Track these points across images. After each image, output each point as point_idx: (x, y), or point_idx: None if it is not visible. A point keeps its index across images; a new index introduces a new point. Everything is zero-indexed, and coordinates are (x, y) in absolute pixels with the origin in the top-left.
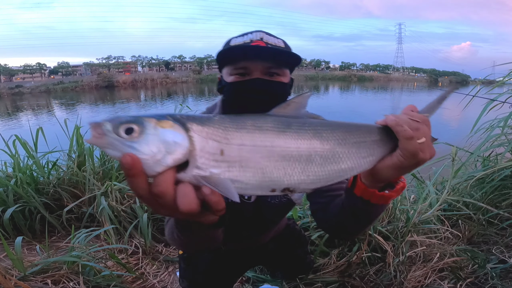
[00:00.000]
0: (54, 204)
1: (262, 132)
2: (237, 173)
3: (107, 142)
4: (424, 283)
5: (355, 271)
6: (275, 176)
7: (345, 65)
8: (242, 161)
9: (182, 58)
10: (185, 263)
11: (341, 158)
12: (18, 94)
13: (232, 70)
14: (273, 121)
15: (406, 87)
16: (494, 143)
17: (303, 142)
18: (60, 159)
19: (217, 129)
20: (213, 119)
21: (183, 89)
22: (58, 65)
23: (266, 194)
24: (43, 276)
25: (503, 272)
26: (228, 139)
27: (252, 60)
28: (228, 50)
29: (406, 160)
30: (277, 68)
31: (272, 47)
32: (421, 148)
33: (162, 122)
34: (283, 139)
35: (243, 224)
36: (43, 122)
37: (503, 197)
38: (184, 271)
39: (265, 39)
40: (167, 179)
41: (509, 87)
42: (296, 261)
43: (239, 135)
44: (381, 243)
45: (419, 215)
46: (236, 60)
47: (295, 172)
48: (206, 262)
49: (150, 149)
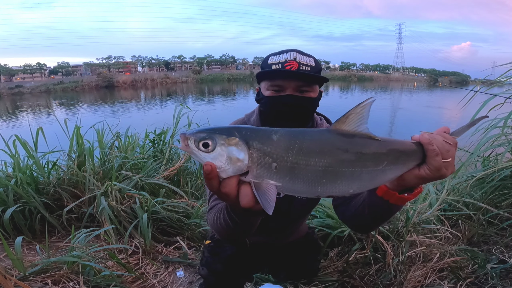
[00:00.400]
0: (54, 204)
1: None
2: (287, 183)
3: (191, 151)
4: (424, 283)
5: (355, 271)
6: (322, 190)
7: (345, 65)
8: (293, 175)
9: (182, 58)
10: (210, 252)
11: (387, 173)
12: (18, 94)
13: (269, 86)
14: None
15: (406, 87)
16: (494, 143)
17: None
18: (60, 159)
19: (275, 148)
20: (273, 138)
21: (183, 89)
22: (58, 65)
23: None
24: (43, 276)
25: (503, 272)
26: (283, 158)
27: (286, 79)
28: (268, 72)
29: (431, 173)
30: (307, 86)
31: (302, 73)
32: (445, 165)
33: (230, 139)
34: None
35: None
36: (43, 122)
37: (503, 197)
38: (206, 260)
39: (298, 59)
40: (232, 183)
41: (509, 86)
42: (305, 265)
43: (294, 153)
44: (381, 243)
45: (418, 215)
46: (272, 77)
47: (341, 186)
48: (228, 253)
49: (221, 162)
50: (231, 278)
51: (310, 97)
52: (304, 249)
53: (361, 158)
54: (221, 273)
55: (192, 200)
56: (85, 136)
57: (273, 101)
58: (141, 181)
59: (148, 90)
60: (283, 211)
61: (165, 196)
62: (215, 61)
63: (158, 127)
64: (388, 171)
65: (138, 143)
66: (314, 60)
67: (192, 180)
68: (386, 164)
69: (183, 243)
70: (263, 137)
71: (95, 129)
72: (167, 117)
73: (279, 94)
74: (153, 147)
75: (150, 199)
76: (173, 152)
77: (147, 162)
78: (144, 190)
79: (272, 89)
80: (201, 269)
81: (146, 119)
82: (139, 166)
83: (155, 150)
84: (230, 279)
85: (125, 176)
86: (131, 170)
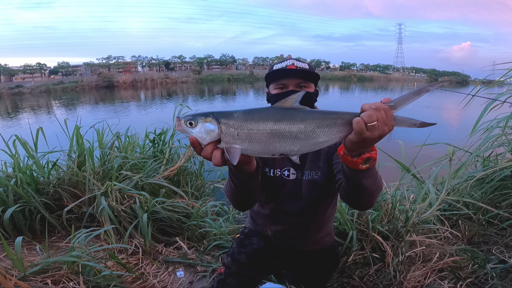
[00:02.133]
0: (54, 204)
1: (264, 122)
2: (247, 145)
3: (182, 129)
4: (424, 283)
5: (355, 271)
6: (273, 147)
7: (345, 65)
8: (250, 139)
9: (182, 58)
10: (238, 244)
11: (318, 135)
12: (18, 94)
13: (275, 86)
14: (273, 113)
15: (406, 87)
16: (494, 143)
17: (292, 127)
18: (60, 159)
19: (235, 121)
20: (233, 115)
21: (183, 89)
22: (58, 65)
23: (268, 156)
24: (43, 276)
25: (503, 272)
26: (241, 127)
27: (288, 78)
28: (273, 72)
29: (356, 136)
30: (305, 83)
31: (300, 69)
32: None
33: (206, 119)
34: (278, 125)
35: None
36: (43, 122)
37: (503, 197)
38: (232, 250)
39: (296, 64)
40: (208, 149)
41: (508, 87)
42: (319, 277)
43: (247, 124)
44: (381, 243)
45: (418, 215)
46: (277, 79)
47: (286, 144)
48: (255, 247)
49: (201, 133)
50: (251, 272)
51: (308, 91)
52: (324, 261)
53: (293, 122)
54: (243, 264)
55: (192, 200)
56: (85, 136)
57: (279, 96)
58: (141, 181)
59: (148, 90)
60: (295, 193)
61: (165, 196)
62: (215, 61)
63: (158, 127)
64: (319, 133)
65: (138, 143)
66: (309, 65)
67: (192, 180)
68: (315, 127)
69: (182, 244)
70: (227, 116)
71: (95, 129)
72: (167, 117)
73: (283, 91)
74: (153, 147)
75: (150, 199)
76: (173, 152)
77: (147, 162)
78: (144, 190)
79: (278, 88)
80: (225, 258)
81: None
82: (139, 166)
83: (155, 150)
84: (250, 272)
85: (125, 176)
86: (131, 170)
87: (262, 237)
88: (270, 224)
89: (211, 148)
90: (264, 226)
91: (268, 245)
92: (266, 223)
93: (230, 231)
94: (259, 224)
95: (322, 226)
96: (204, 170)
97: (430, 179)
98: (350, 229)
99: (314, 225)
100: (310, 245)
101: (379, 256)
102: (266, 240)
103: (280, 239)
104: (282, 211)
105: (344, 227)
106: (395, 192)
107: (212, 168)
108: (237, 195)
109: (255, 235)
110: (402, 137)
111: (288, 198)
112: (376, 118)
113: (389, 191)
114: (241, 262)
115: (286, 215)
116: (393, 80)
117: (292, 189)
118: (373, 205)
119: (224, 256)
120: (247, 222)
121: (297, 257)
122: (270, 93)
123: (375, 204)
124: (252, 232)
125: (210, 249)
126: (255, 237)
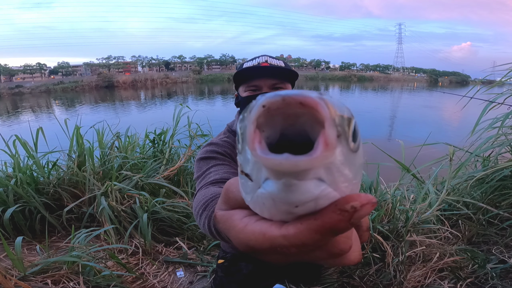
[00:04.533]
0: (54, 204)
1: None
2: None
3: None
4: (424, 283)
5: (355, 271)
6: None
7: (345, 65)
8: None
9: (182, 58)
10: (224, 272)
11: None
12: (18, 94)
13: (246, 88)
14: None
15: (406, 87)
16: (494, 143)
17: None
18: (60, 159)
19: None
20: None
21: (183, 89)
22: (58, 65)
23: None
24: (43, 276)
25: (503, 272)
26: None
27: (261, 78)
28: (242, 70)
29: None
30: (281, 83)
31: (275, 66)
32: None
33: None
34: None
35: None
36: (43, 122)
37: (503, 197)
38: (220, 280)
39: (269, 61)
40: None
41: (508, 87)
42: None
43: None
44: (381, 242)
45: (418, 215)
46: (249, 79)
47: None
48: (244, 272)
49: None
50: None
51: None
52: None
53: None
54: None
55: (192, 200)
56: (85, 136)
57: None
58: (141, 181)
59: (148, 90)
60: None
61: (165, 196)
62: (215, 61)
63: (158, 127)
64: None
65: (138, 143)
66: (284, 63)
67: (192, 180)
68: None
69: (183, 244)
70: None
71: (95, 129)
72: (167, 117)
73: (255, 93)
74: (153, 147)
75: (150, 199)
76: (173, 152)
77: (147, 162)
78: (144, 190)
79: (249, 90)
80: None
81: (146, 119)
82: (139, 166)
83: (155, 150)
84: None
85: (125, 176)
86: (131, 170)
87: (250, 260)
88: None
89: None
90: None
91: (258, 266)
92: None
93: None
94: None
95: None
96: None
97: (430, 179)
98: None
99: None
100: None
101: (379, 256)
102: (255, 262)
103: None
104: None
105: None
106: (395, 192)
107: None
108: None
109: (242, 260)
110: (402, 137)
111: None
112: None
113: (389, 191)
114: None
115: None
116: (393, 80)
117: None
118: None
119: (213, 286)
120: (225, 246)
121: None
122: (240, 95)
123: None
124: (236, 257)
125: (210, 249)
126: (242, 262)
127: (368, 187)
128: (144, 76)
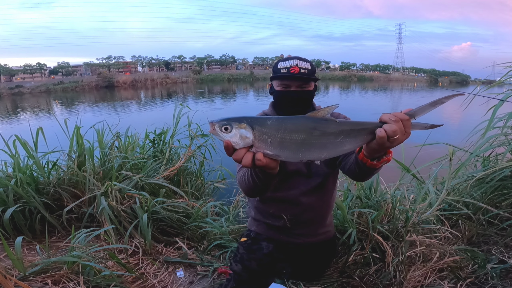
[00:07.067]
0: (54, 204)
1: (297, 132)
2: (278, 152)
3: (217, 133)
4: (424, 283)
5: (355, 271)
6: (302, 155)
7: (345, 65)
8: (282, 147)
9: (182, 58)
10: (246, 249)
11: (345, 144)
12: (18, 94)
13: (279, 84)
14: (306, 123)
15: (406, 87)
16: (494, 143)
17: (323, 138)
18: (60, 159)
19: (269, 129)
20: (267, 122)
21: (183, 89)
22: (58, 65)
23: (296, 161)
24: (43, 276)
25: (503, 272)
26: (275, 135)
27: (291, 80)
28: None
29: (377, 145)
30: (306, 84)
31: (301, 76)
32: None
33: (241, 124)
34: (310, 136)
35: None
36: (43, 122)
37: (503, 197)
38: (241, 256)
39: (299, 65)
40: (241, 152)
41: (508, 87)
42: (320, 267)
43: (280, 133)
44: (381, 242)
45: (418, 215)
46: (281, 79)
47: (315, 152)
48: (264, 252)
49: (234, 139)
50: (261, 278)
51: (308, 90)
52: (328, 252)
53: (324, 134)
54: (254, 271)
55: (192, 200)
56: (85, 136)
57: (283, 94)
58: (141, 181)
59: (148, 90)
60: (305, 172)
61: (165, 196)
62: (215, 61)
63: (158, 127)
64: (345, 142)
65: (138, 143)
66: (310, 64)
67: (192, 180)
68: (342, 138)
69: (182, 244)
70: (262, 123)
71: (95, 129)
72: (167, 117)
73: (286, 89)
74: (153, 147)
75: (150, 199)
76: (173, 152)
77: (147, 162)
78: (144, 190)
79: (281, 86)
80: (234, 265)
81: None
82: (139, 166)
83: (155, 150)
84: (260, 279)
85: (125, 176)
86: (131, 170)
87: (271, 241)
88: (284, 210)
89: (243, 152)
90: (278, 213)
91: (277, 248)
92: (280, 209)
93: (231, 230)
94: (271, 214)
95: (329, 208)
96: (204, 170)
97: (430, 179)
98: (350, 227)
99: (325, 205)
100: (320, 234)
101: (379, 256)
102: (276, 243)
103: (296, 225)
104: (295, 193)
105: (344, 225)
106: (395, 192)
107: (212, 168)
108: (253, 189)
109: (264, 239)
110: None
111: (300, 176)
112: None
113: (389, 191)
114: (252, 269)
115: (298, 196)
116: (393, 80)
117: (301, 168)
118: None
119: (232, 262)
120: (251, 225)
121: (305, 252)
122: (274, 88)
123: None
124: (259, 236)
125: (211, 249)
126: (263, 241)
127: (368, 187)
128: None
